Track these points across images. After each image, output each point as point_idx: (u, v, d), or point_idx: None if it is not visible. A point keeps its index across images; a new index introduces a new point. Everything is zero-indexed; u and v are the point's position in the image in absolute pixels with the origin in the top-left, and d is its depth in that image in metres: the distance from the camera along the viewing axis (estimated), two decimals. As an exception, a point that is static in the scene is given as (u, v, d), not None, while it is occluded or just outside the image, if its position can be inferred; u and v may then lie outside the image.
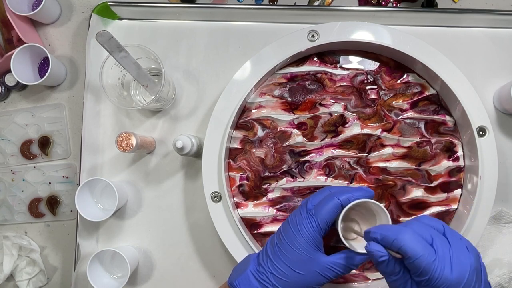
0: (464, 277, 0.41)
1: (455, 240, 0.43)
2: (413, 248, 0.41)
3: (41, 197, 0.74)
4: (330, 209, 0.49)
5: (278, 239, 0.51)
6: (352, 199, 0.49)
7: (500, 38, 0.70)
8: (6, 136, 0.75)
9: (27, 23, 0.73)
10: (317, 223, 0.49)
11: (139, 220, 0.70)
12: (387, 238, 0.43)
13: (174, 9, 0.71)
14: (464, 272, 0.41)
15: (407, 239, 0.41)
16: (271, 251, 0.50)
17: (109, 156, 0.71)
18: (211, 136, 0.64)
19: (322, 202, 0.50)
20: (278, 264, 0.49)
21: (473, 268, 0.42)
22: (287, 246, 0.49)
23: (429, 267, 0.40)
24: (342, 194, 0.50)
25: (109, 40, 0.58)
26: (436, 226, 0.45)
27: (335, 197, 0.50)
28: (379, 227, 0.44)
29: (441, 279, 0.40)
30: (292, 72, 0.66)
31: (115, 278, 0.68)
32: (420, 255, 0.41)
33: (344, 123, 0.65)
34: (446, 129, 0.65)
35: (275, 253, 0.50)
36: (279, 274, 0.49)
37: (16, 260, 0.71)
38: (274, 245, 0.51)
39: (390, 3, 0.71)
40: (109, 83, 0.64)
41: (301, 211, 0.51)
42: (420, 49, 0.63)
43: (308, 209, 0.50)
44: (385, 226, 0.44)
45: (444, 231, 0.44)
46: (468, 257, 0.42)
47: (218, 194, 0.63)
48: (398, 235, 0.42)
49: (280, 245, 0.50)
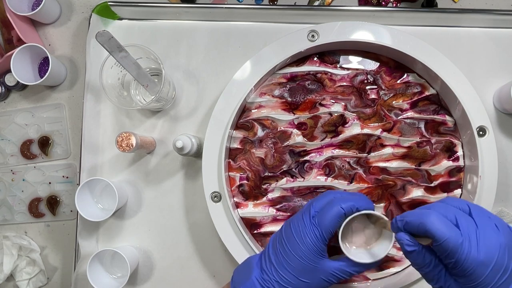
0: (494, 257, 0.39)
1: (482, 219, 0.42)
2: (439, 229, 0.40)
3: (41, 197, 0.74)
4: (333, 218, 0.48)
5: (281, 246, 0.50)
6: (354, 208, 0.49)
7: (500, 38, 0.70)
8: (6, 136, 0.75)
9: (27, 23, 0.73)
10: (320, 233, 0.48)
11: (139, 220, 0.70)
12: (412, 223, 0.42)
13: (174, 9, 0.71)
14: (492, 251, 0.39)
15: (432, 221, 0.40)
16: (274, 258, 0.50)
17: (109, 156, 0.71)
18: (211, 136, 0.64)
19: (325, 210, 0.49)
20: (283, 272, 0.49)
21: (504, 247, 0.40)
22: (291, 255, 0.49)
23: (456, 249, 0.39)
24: (345, 202, 0.49)
25: (109, 40, 0.58)
26: (461, 207, 0.43)
27: (339, 205, 0.49)
28: (403, 215, 0.43)
29: (468, 260, 0.39)
30: (292, 72, 0.66)
31: (115, 278, 0.68)
32: (447, 237, 0.39)
33: (344, 123, 0.65)
34: (446, 129, 0.65)
35: (279, 261, 0.49)
36: (284, 283, 0.49)
37: (16, 260, 0.71)
38: (277, 252, 0.50)
39: (390, 3, 0.71)
40: (109, 83, 0.64)
41: (304, 218, 0.50)
42: (420, 49, 0.63)
43: (311, 216, 0.50)
44: (408, 212, 0.43)
45: (470, 210, 0.43)
46: (497, 236, 0.40)
47: (218, 194, 0.63)
48: (422, 219, 0.41)
49: (284, 254, 0.49)
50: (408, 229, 0.43)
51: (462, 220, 0.41)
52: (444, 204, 0.44)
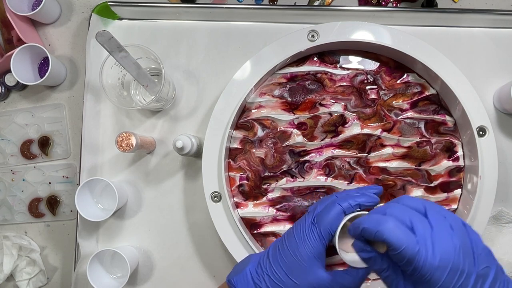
0: (450, 260, 0.39)
1: (438, 220, 0.41)
2: (396, 238, 0.39)
3: (41, 197, 0.74)
4: (333, 217, 0.48)
5: (280, 243, 0.50)
6: (354, 205, 0.49)
7: (500, 38, 0.70)
8: (6, 136, 0.75)
9: (27, 23, 0.73)
10: (319, 232, 0.48)
11: (139, 220, 0.70)
12: (369, 230, 0.41)
13: (174, 9, 0.71)
14: (448, 254, 0.39)
15: (389, 229, 0.40)
16: (272, 254, 0.50)
17: (109, 156, 0.71)
18: (211, 136, 0.64)
19: (325, 210, 0.49)
20: (276, 268, 0.48)
21: (459, 248, 0.39)
22: (287, 252, 0.49)
23: (413, 257, 0.39)
24: (344, 201, 0.49)
25: (109, 40, 0.58)
26: (417, 207, 0.42)
27: (337, 203, 0.49)
28: (361, 219, 0.43)
29: (425, 266, 0.39)
30: (292, 72, 0.66)
31: (115, 278, 0.68)
32: (404, 246, 0.39)
33: (344, 123, 0.65)
34: (446, 129, 0.65)
35: (275, 257, 0.49)
36: (275, 278, 0.48)
37: (16, 260, 0.71)
38: (276, 248, 0.50)
39: (390, 3, 0.71)
40: (109, 83, 0.64)
41: (307, 218, 0.50)
42: (420, 49, 0.63)
43: (314, 216, 0.50)
44: (366, 217, 0.43)
45: (426, 211, 0.42)
46: (451, 237, 0.40)
47: (218, 194, 0.63)
48: (379, 227, 0.40)
49: (281, 250, 0.49)
50: (365, 236, 0.42)
51: (417, 223, 0.40)
52: (400, 205, 0.43)
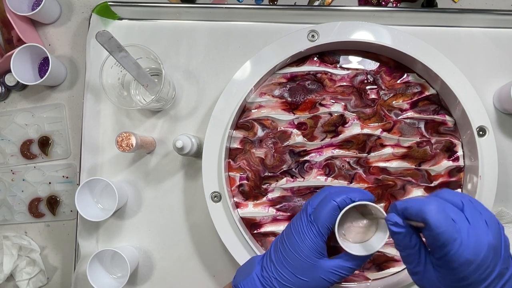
0: (479, 257, 0.39)
1: (474, 216, 0.41)
2: (437, 219, 0.40)
3: (41, 197, 0.74)
4: (328, 212, 0.48)
5: (281, 244, 0.50)
6: (348, 200, 0.49)
7: (500, 38, 0.70)
8: (6, 136, 0.75)
9: (27, 23, 0.73)
10: (317, 229, 0.49)
11: (139, 220, 0.70)
12: (411, 208, 0.42)
13: (174, 9, 0.71)
14: (479, 251, 0.39)
15: (432, 209, 0.40)
16: (274, 256, 0.50)
17: (109, 156, 0.71)
18: (211, 136, 0.64)
19: (320, 206, 0.50)
20: (282, 270, 0.49)
21: (491, 246, 0.40)
22: (290, 253, 0.49)
23: (448, 243, 0.39)
24: (339, 196, 0.49)
25: (109, 40, 0.58)
26: (454, 201, 0.43)
27: (332, 199, 0.49)
28: (406, 200, 0.43)
29: (455, 256, 0.39)
30: (292, 72, 0.66)
31: (115, 278, 0.68)
32: (443, 229, 0.39)
33: (344, 123, 0.65)
34: (446, 129, 0.65)
35: (278, 259, 0.50)
36: (283, 280, 0.49)
37: (16, 260, 0.71)
38: (277, 250, 0.50)
39: (390, 3, 0.71)
40: (109, 83, 0.64)
41: (302, 216, 0.50)
42: (420, 49, 0.63)
43: (308, 213, 0.50)
44: (410, 199, 0.43)
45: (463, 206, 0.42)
46: (486, 235, 0.40)
47: (218, 194, 0.63)
48: (424, 206, 0.41)
49: (283, 251, 0.50)
50: (406, 215, 0.43)
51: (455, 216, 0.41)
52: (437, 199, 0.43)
